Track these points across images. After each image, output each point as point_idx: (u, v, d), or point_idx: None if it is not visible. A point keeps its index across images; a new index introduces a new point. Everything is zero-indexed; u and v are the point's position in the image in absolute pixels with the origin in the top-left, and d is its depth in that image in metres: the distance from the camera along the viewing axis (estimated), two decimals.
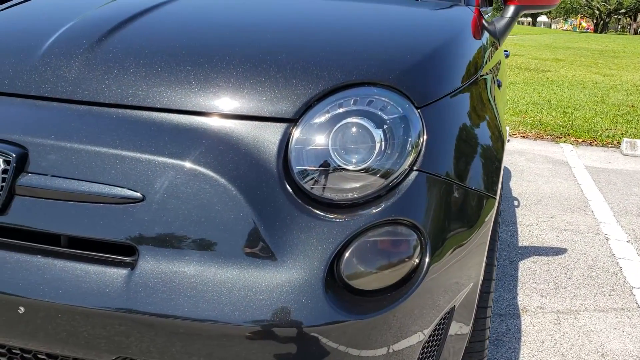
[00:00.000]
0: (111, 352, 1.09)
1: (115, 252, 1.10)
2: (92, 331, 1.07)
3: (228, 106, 1.17)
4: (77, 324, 1.07)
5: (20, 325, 1.10)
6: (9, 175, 1.12)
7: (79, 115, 1.19)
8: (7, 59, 1.30)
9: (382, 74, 1.23)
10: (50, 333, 1.09)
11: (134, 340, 1.07)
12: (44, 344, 1.11)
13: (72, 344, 1.09)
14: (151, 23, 1.38)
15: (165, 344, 1.07)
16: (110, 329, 1.07)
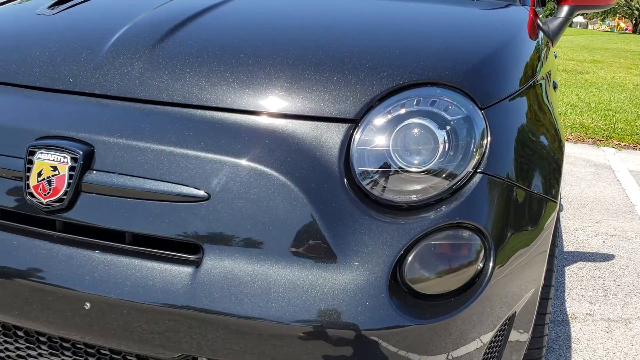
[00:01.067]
0: (175, 350, 1.09)
1: (180, 250, 1.11)
2: (156, 328, 1.08)
3: (290, 106, 1.17)
4: (142, 321, 1.08)
5: (86, 321, 1.11)
6: (76, 172, 1.14)
7: (144, 114, 1.20)
8: (71, 58, 1.32)
9: (446, 74, 1.21)
10: (116, 329, 1.10)
11: (198, 339, 1.07)
12: (108, 340, 1.12)
13: (136, 341, 1.10)
14: (211, 22, 1.38)
15: (229, 342, 1.07)
16: (174, 327, 1.07)
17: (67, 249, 1.14)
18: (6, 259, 1.16)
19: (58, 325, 1.14)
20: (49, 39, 1.40)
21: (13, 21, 1.62)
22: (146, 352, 1.12)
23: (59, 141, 1.17)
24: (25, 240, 1.17)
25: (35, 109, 1.27)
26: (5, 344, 1.25)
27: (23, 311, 1.15)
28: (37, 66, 1.34)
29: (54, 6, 1.59)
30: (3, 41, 1.46)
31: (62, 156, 1.15)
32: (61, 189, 1.14)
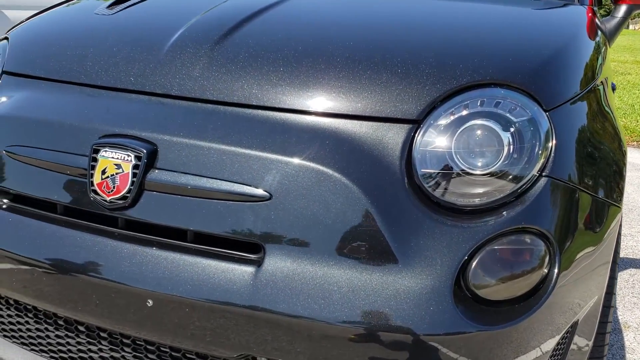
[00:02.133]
0: (235, 349, 1.09)
1: (240, 249, 1.11)
2: (217, 327, 1.08)
3: (351, 106, 1.16)
4: (203, 319, 1.09)
5: (148, 318, 1.12)
6: (139, 170, 1.15)
7: (205, 114, 1.21)
8: (132, 58, 1.34)
9: (510, 75, 1.19)
10: (177, 327, 1.11)
11: (258, 339, 1.07)
12: (169, 337, 1.13)
13: (197, 339, 1.10)
14: (270, 21, 1.38)
15: (289, 343, 1.06)
16: (235, 326, 1.07)
17: (130, 247, 1.15)
18: (70, 255, 1.18)
19: (120, 321, 1.15)
20: (109, 39, 1.42)
21: (73, 21, 1.65)
22: (206, 350, 1.12)
23: (123, 139, 1.18)
24: (88, 237, 1.19)
25: (98, 107, 1.29)
26: (67, 339, 1.27)
27: (86, 307, 1.17)
28: (99, 66, 1.36)
29: (112, 6, 1.62)
30: (65, 41, 1.49)
31: (126, 154, 1.16)
32: (125, 187, 1.15)
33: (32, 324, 1.32)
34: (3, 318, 1.36)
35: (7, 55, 1.54)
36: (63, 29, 1.58)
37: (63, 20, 1.67)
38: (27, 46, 1.55)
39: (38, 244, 1.22)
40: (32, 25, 1.68)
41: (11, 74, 1.50)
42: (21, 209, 1.29)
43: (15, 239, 1.25)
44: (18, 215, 1.28)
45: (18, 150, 1.29)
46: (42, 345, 1.32)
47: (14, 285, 1.26)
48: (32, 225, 1.25)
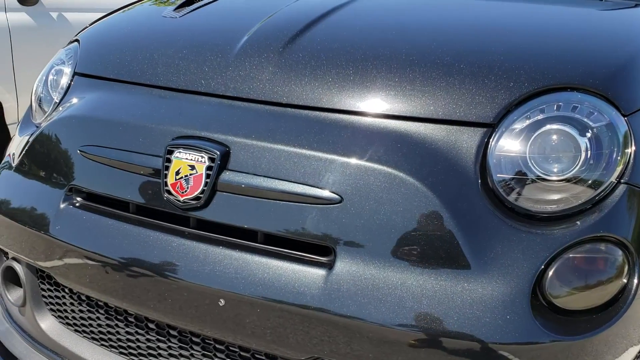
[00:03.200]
0: (304, 351, 1.10)
1: (311, 252, 1.11)
2: (288, 328, 1.09)
3: (424, 110, 1.15)
4: (274, 320, 1.09)
5: (219, 317, 1.13)
6: (213, 172, 1.17)
7: (276, 116, 1.21)
8: (202, 61, 1.36)
9: (586, 79, 1.16)
10: (247, 327, 1.12)
11: (327, 341, 1.07)
12: (239, 337, 1.14)
13: (267, 340, 1.11)
14: (339, 23, 1.38)
15: (359, 347, 1.06)
16: (305, 328, 1.08)
17: (202, 246, 1.17)
18: (143, 254, 1.21)
19: (191, 319, 1.17)
20: (179, 42, 1.44)
21: (141, 24, 1.69)
22: (275, 351, 1.13)
23: (197, 141, 1.20)
24: (161, 236, 1.21)
25: (170, 109, 1.31)
26: (137, 335, 1.30)
27: (157, 304, 1.19)
28: (170, 68, 1.39)
29: (179, 9, 1.65)
30: (135, 44, 1.52)
31: (200, 156, 1.18)
32: (198, 188, 1.17)
33: (103, 320, 1.35)
34: (74, 313, 1.40)
35: (79, 57, 1.59)
36: (132, 32, 1.62)
37: (132, 23, 1.71)
38: (98, 48, 1.59)
39: (111, 242, 1.25)
40: (102, 27, 1.73)
41: (83, 75, 1.55)
42: (94, 207, 1.32)
43: (88, 236, 1.28)
44: (91, 213, 1.31)
45: (92, 150, 1.33)
46: (111, 341, 1.35)
47: (86, 281, 1.29)
48: (104, 223, 1.28)
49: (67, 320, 1.43)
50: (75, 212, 1.32)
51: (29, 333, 1.49)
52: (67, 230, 1.30)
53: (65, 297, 1.41)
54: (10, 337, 1.55)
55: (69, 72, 1.58)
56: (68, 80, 1.56)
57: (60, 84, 1.59)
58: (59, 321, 1.44)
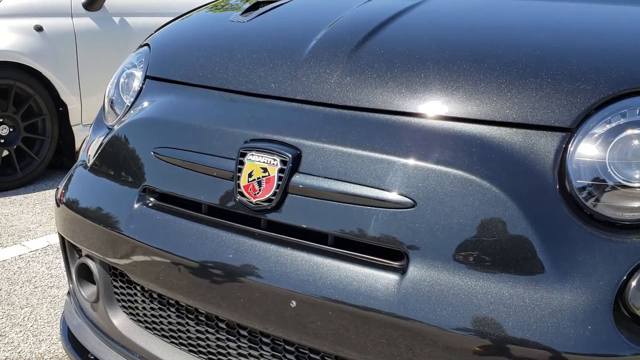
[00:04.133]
0: (375, 356, 1.09)
1: (382, 256, 1.11)
2: (359, 332, 1.09)
3: (499, 113, 1.13)
4: (345, 324, 1.09)
5: (290, 319, 1.14)
6: (285, 174, 1.18)
7: (347, 120, 1.22)
8: (272, 64, 1.38)
9: None
10: (318, 329, 1.12)
11: (399, 347, 1.06)
12: (309, 339, 1.14)
13: (337, 343, 1.11)
14: (407, 25, 1.38)
15: (431, 353, 1.05)
16: (378, 333, 1.07)
17: (274, 248, 1.18)
18: (215, 254, 1.23)
19: (262, 320, 1.18)
20: (249, 46, 1.47)
21: (210, 28, 1.72)
22: (346, 355, 1.13)
23: (269, 144, 1.21)
24: (233, 237, 1.23)
25: (242, 112, 1.34)
26: (207, 334, 1.33)
27: (229, 304, 1.21)
28: (240, 72, 1.41)
29: (246, 13, 1.67)
30: (205, 48, 1.56)
31: (272, 158, 1.19)
32: (270, 190, 1.19)
33: (174, 318, 1.38)
34: (145, 310, 1.44)
35: (150, 61, 1.63)
36: (201, 36, 1.66)
37: (200, 28, 1.74)
38: (168, 52, 1.64)
39: (183, 241, 1.28)
40: (171, 32, 1.77)
41: (154, 78, 1.59)
42: (166, 207, 1.36)
43: (161, 236, 1.32)
44: (163, 213, 1.34)
45: (165, 152, 1.36)
46: (181, 338, 1.38)
47: (158, 279, 1.33)
48: (177, 222, 1.31)
49: (138, 317, 1.47)
50: (149, 212, 1.36)
51: (101, 328, 1.54)
52: (141, 229, 1.34)
53: (136, 294, 1.45)
54: (83, 332, 1.61)
55: (140, 76, 1.63)
56: (139, 83, 1.61)
57: (131, 88, 1.64)
58: (130, 318, 1.49)
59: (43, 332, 2.11)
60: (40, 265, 2.67)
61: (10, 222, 3.18)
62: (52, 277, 2.55)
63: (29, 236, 3.00)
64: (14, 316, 2.22)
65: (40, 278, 2.54)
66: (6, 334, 2.09)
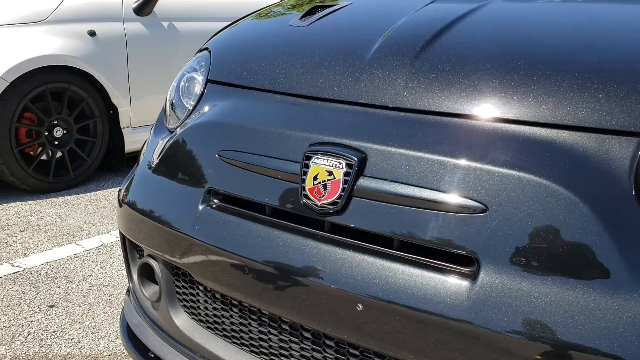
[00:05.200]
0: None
1: (451, 261, 1.10)
2: (427, 338, 1.08)
3: (572, 117, 1.10)
4: (413, 329, 1.09)
5: (356, 322, 1.14)
6: (351, 177, 1.18)
7: (413, 123, 1.21)
8: (334, 68, 1.38)
9: None
10: (385, 333, 1.12)
11: (470, 356, 1.05)
12: (375, 343, 1.14)
13: (404, 348, 1.11)
14: (473, 27, 1.36)
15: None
16: (447, 340, 1.06)
17: (339, 251, 1.18)
18: (280, 256, 1.24)
19: (326, 322, 1.19)
20: (310, 50, 1.48)
21: (269, 32, 1.74)
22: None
23: (334, 148, 1.22)
24: (297, 239, 1.24)
25: (305, 116, 1.35)
26: (270, 335, 1.34)
27: (293, 305, 1.22)
28: (302, 76, 1.42)
29: (305, 17, 1.68)
30: (265, 52, 1.57)
31: (338, 162, 1.20)
32: (336, 193, 1.19)
33: (236, 318, 1.40)
34: (207, 310, 1.46)
35: (211, 66, 1.66)
36: (262, 41, 1.68)
37: (260, 32, 1.77)
38: (229, 56, 1.66)
39: (248, 243, 1.30)
40: (231, 36, 1.80)
41: (216, 82, 1.62)
42: (230, 208, 1.38)
43: (225, 237, 1.34)
44: (227, 215, 1.36)
45: (230, 155, 1.38)
46: (243, 339, 1.40)
47: (222, 279, 1.35)
48: (241, 224, 1.33)
49: (200, 317, 1.49)
50: (214, 213, 1.38)
51: (162, 327, 1.57)
52: (206, 230, 1.36)
53: (199, 294, 1.47)
54: (143, 330, 1.64)
55: (201, 80, 1.66)
56: (201, 87, 1.64)
57: (193, 92, 1.67)
58: (192, 317, 1.51)
59: (101, 329, 2.17)
60: (94, 264, 2.74)
61: (64, 222, 3.28)
62: (107, 276, 2.62)
63: (82, 235, 3.09)
64: (73, 313, 2.28)
65: (96, 277, 2.61)
66: (67, 331, 2.16)
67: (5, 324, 2.19)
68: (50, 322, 2.21)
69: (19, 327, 2.17)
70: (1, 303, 2.35)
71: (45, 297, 2.40)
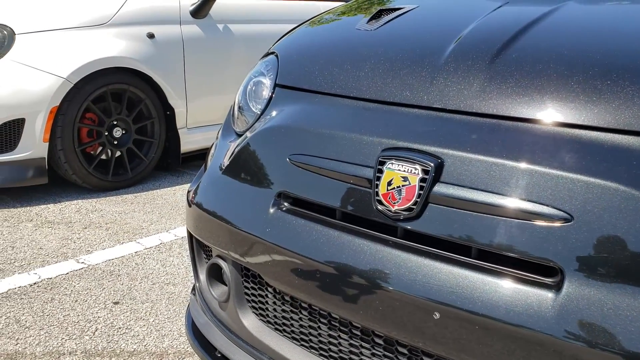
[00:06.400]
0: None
1: (532, 271, 1.08)
2: (508, 350, 1.06)
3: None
4: (493, 340, 1.07)
5: (433, 330, 1.13)
6: (427, 183, 1.17)
7: (491, 129, 1.19)
8: (406, 72, 1.37)
9: None
10: (463, 343, 1.10)
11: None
12: (453, 353, 1.13)
13: (480, 358, 1.09)
14: (552, 30, 1.33)
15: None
16: (529, 353, 1.04)
17: (413, 257, 1.17)
18: (352, 260, 1.24)
19: (400, 329, 1.18)
20: (380, 54, 1.47)
21: (336, 36, 1.74)
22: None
23: (409, 153, 1.21)
24: (368, 244, 1.24)
25: (377, 121, 1.34)
26: (340, 339, 1.34)
27: (366, 311, 1.22)
28: (373, 80, 1.42)
29: (372, 21, 1.68)
30: (334, 56, 1.58)
31: (413, 167, 1.19)
32: (411, 199, 1.18)
33: (306, 321, 1.41)
34: (276, 312, 1.48)
35: (279, 70, 1.68)
36: (329, 45, 1.68)
37: (327, 36, 1.77)
38: (297, 61, 1.67)
39: (319, 246, 1.30)
40: (297, 40, 1.81)
41: (284, 87, 1.63)
42: (300, 212, 1.38)
43: (297, 240, 1.35)
44: (298, 218, 1.37)
45: (301, 159, 1.39)
46: (312, 342, 1.41)
47: (293, 282, 1.36)
48: (312, 227, 1.34)
49: (268, 319, 1.51)
50: (285, 216, 1.39)
51: (230, 327, 1.60)
52: (278, 233, 1.38)
53: (267, 295, 1.49)
54: (210, 330, 1.67)
55: (269, 84, 1.68)
56: (269, 92, 1.66)
57: (260, 96, 1.69)
58: (260, 319, 1.53)
59: (165, 327, 2.23)
60: (155, 262, 2.81)
61: (124, 220, 3.37)
62: (167, 274, 2.68)
63: (142, 234, 3.17)
64: (137, 310, 2.35)
65: (157, 275, 2.68)
66: (132, 327, 2.22)
67: (74, 318, 2.27)
68: (116, 319, 2.28)
69: (87, 323, 2.24)
70: (69, 298, 2.43)
71: (110, 294, 2.48)
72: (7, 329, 2.19)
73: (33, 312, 2.30)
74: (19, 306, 2.35)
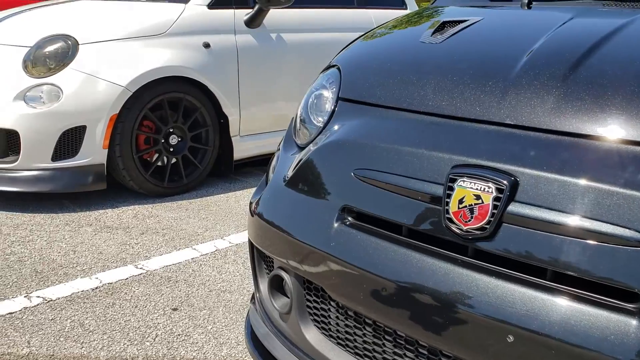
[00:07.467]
0: None
1: (611, 295, 1.04)
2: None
3: None
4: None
5: (506, 353, 1.11)
6: (501, 202, 1.15)
7: (569, 147, 1.16)
8: (475, 87, 1.35)
9: None
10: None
11: None
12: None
13: None
14: (624, 47, 1.29)
15: None
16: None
17: (485, 278, 1.15)
18: (419, 278, 1.23)
19: (471, 351, 1.16)
20: (447, 68, 1.46)
21: (400, 49, 1.73)
22: None
23: (482, 170, 1.19)
24: (436, 262, 1.22)
25: (446, 136, 1.32)
26: (405, 357, 1.33)
27: (433, 330, 1.20)
28: (440, 94, 1.40)
29: (436, 34, 1.66)
30: (398, 69, 1.57)
31: (487, 185, 1.17)
32: (484, 218, 1.16)
33: (369, 337, 1.40)
34: (339, 327, 1.47)
35: (342, 83, 1.68)
36: (393, 58, 1.67)
37: (390, 49, 1.76)
38: (360, 74, 1.67)
39: (385, 262, 1.29)
40: (359, 53, 1.81)
41: (347, 100, 1.63)
42: (365, 227, 1.38)
43: (362, 255, 1.34)
44: (362, 233, 1.37)
45: (366, 174, 1.39)
46: (376, 358, 1.40)
47: (357, 297, 1.35)
48: (377, 243, 1.33)
49: (330, 333, 1.50)
50: (349, 231, 1.39)
51: (291, 339, 1.60)
52: (343, 247, 1.37)
53: (330, 309, 1.49)
54: (271, 340, 1.68)
55: (331, 98, 1.68)
56: (332, 105, 1.66)
57: (323, 109, 1.69)
58: (322, 332, 1.53)
59: (222, 335, 2.25)
60: (211, 269, 2.85)
61: (179, 226, 3.44)
62: (224, 281, 2.72)
63: (197, 240, 3.22)
64: (195, 317, 2.38)
65: (213, 282, 2.71)
66: (190, 334, 2.26)
67: (135, 324, 2.33)
68: (175, 325, 2.32)
69: (147, 329, 2.29)
70: (129, 304, 2.49)
71: (169, 300, 2.53)
72: (73, 332, 2.26)
73: (96, 317, 2.37)
74: (83, 310, 2.42)
